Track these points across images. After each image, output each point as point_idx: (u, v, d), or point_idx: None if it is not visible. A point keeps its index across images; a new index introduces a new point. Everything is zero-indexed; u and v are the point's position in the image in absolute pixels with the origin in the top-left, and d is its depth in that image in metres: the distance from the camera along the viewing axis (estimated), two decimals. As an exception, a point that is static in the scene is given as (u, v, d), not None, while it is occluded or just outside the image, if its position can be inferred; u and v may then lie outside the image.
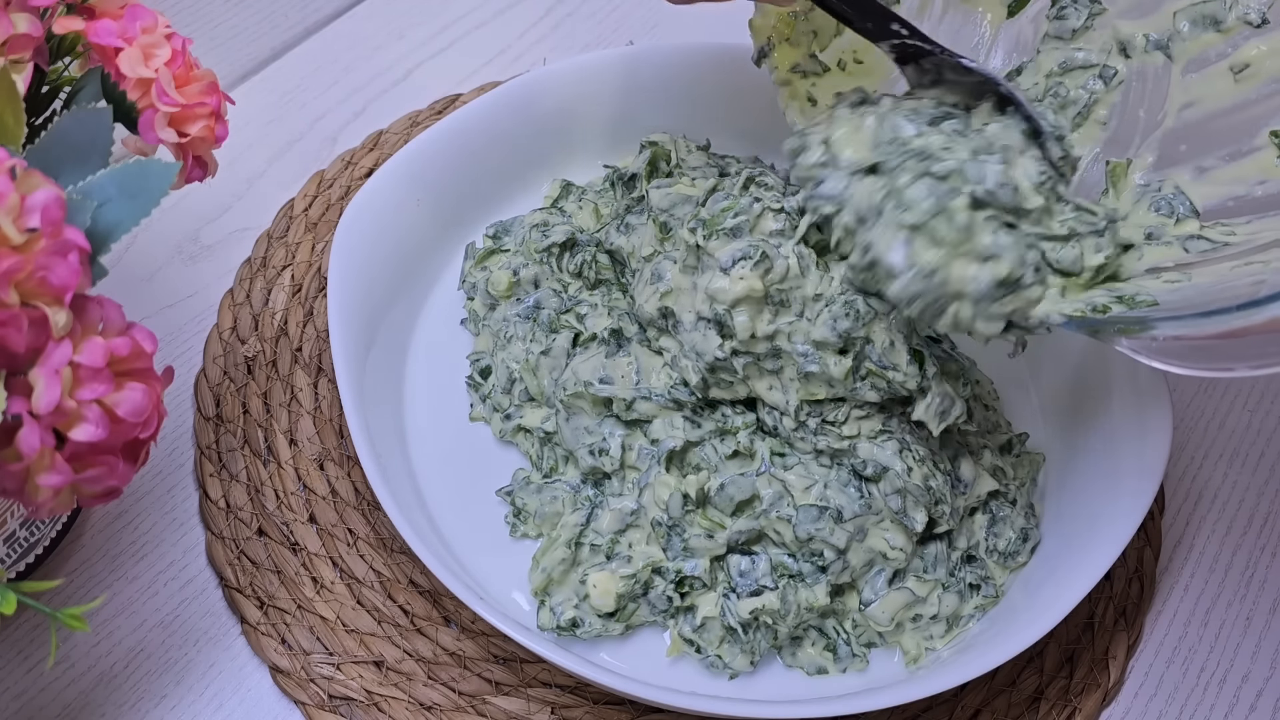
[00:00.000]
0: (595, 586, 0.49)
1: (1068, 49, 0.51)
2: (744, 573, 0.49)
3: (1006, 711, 0.51)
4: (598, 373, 0.51)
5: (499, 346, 0.55)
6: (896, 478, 0.48)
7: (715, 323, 0.49)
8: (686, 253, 0.50)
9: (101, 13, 0.42)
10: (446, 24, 0.73)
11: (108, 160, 0.38)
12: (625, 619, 0.49)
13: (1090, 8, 0.51)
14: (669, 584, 0.49)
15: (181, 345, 0.59)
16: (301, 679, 0.50)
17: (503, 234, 0.58)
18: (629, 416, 0.51)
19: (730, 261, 0.48)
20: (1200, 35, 0.47)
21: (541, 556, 0.50)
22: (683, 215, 0.53)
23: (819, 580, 0.49)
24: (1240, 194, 0.45)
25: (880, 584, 0.50)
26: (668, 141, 0.59)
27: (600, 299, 0.55)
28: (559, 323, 0.54)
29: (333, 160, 0.65)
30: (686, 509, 0.49)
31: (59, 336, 0.33)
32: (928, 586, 0.50)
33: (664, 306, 0.51)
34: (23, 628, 0.50)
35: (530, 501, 0.52)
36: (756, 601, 0.49)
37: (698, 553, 0.49)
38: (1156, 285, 0.43)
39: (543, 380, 0.53)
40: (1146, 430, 0.50)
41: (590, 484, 0.52)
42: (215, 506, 0.54)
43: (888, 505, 0.49)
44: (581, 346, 0.53)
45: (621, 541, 0.50)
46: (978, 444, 0.53)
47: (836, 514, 0.49)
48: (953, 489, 0.51)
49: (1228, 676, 0.53)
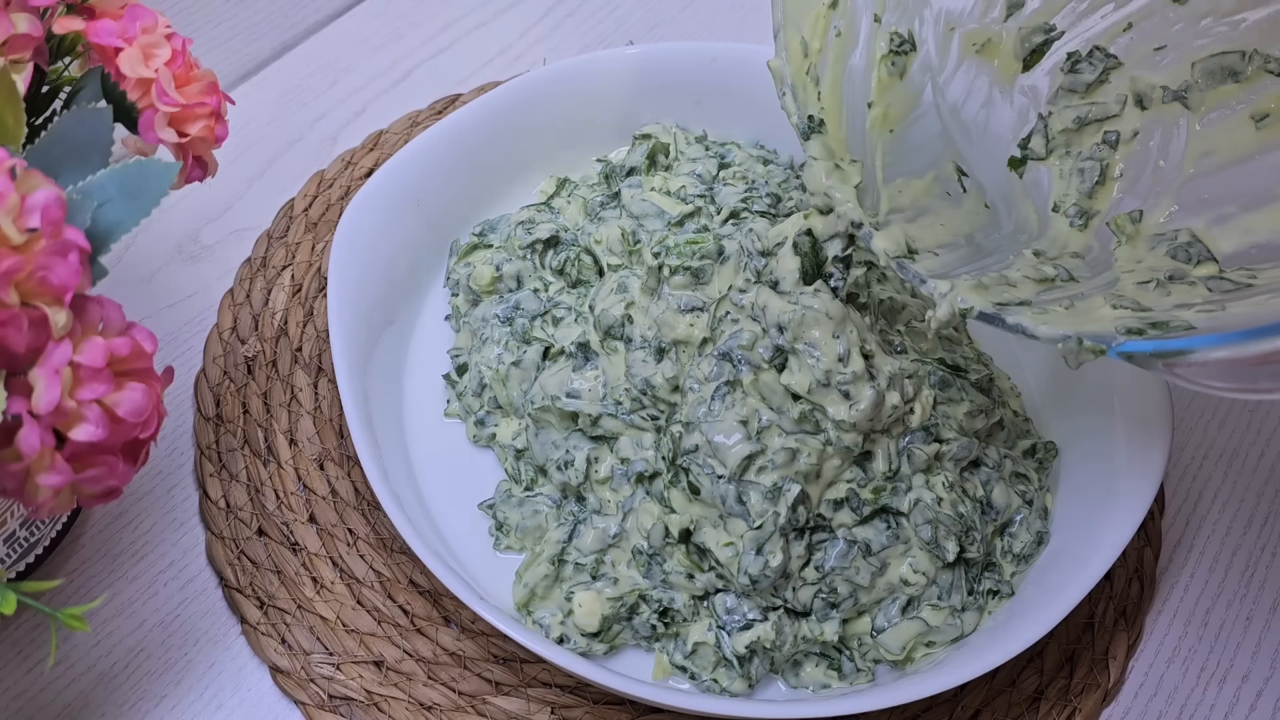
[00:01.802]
0: (580, 606, 0.48)
1: (1082, 104, 0.51)
2: (730, 609, 0.48)
3: (1006, 711, 0.51)
4: (565, 386, 0.51)
5: (474, 348, 0.55)
6: (927, 508, 0.48)
7: (656, 350, 0.49)
8: (647, 274, 0.51)
9: (101, 13, 0.42)
10: (446, 24, 0.73)
11: (108, 160, 0.38)
12: (609, 640, 0.49)
13: (1105, 62, 0.51)
14: (653, 612, 0.49)
15: (181, 345, 0.59)
16: (301, 679, 0.50)
17: (489, 231, 0.58)
18: (594, 432, 0.51)
19: (681, 308, 0.49)
20: (1218, 86, 0.47)
21: (524, 571, 0.50)
22: (651, 229, 0.53)
23: (828, 617, 0.48)
24: (1262, 242, 0.45)
25: (894, 612, 0.49)
26: (663, 133, 0.59)
27: (578, 301, 0.55)
28: (532, 333, 0.53)
29: (333, 160, 0.65)
30: (667, 541, 0.48)
31: (59, 336, 0.33)
32: (941, 615, 0.49)
33: (628, 314, 0.51)
34: (23, 628, 0.50)
35: (511, 515, 0.51)
36: (750, 635, 0.47)
37: (677, 588, 0.49)
38: (1190, 314, 0.42)
39: (512, 391, 0.53)
40: (1146, 430, 0.50)
41: (573, 499, 0.51)
42: (215, 506, 0.54)
43: (918, 535, 0.48)
44: (551, 360, 0.53)
45: (605, 561, 0.49)
46: (999, 456, 0.52)
47: (865, 548, 0.48)
48: (983, 515, 0.50)
49: (1228, 676, 0.53)
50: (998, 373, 0.56)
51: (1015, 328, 0.42)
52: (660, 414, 0.50)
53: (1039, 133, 0.52)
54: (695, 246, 0.50)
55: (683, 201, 0.55)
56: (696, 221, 0.54)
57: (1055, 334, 0.41)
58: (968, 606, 0.49)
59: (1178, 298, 0.44)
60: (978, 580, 0.50)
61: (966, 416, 0.50)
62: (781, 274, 0.48)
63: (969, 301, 0.43)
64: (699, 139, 0.59)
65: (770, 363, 0.47)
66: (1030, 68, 0.53)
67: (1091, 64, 0.51)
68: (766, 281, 0.48)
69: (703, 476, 0.47)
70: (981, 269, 0.47)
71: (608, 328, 0.51)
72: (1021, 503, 0.51)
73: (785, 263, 0.48)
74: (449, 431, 0.55)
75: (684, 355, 0.50)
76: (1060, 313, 0.43)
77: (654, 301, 0.51)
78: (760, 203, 0.54)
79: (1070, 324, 0.42)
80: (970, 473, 0.50)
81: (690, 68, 0.60)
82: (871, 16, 0.51)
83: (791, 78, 0.47)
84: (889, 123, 0.51)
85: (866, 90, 0.51)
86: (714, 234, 0.51)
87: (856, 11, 0.50)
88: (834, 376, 0.47)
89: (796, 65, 0.48)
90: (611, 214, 0.56)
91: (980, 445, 0.51)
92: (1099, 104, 0.51)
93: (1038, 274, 0.46)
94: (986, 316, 0.43)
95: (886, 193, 0.49)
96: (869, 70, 0.51)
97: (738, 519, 0.47)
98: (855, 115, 0.51)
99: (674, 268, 0.50)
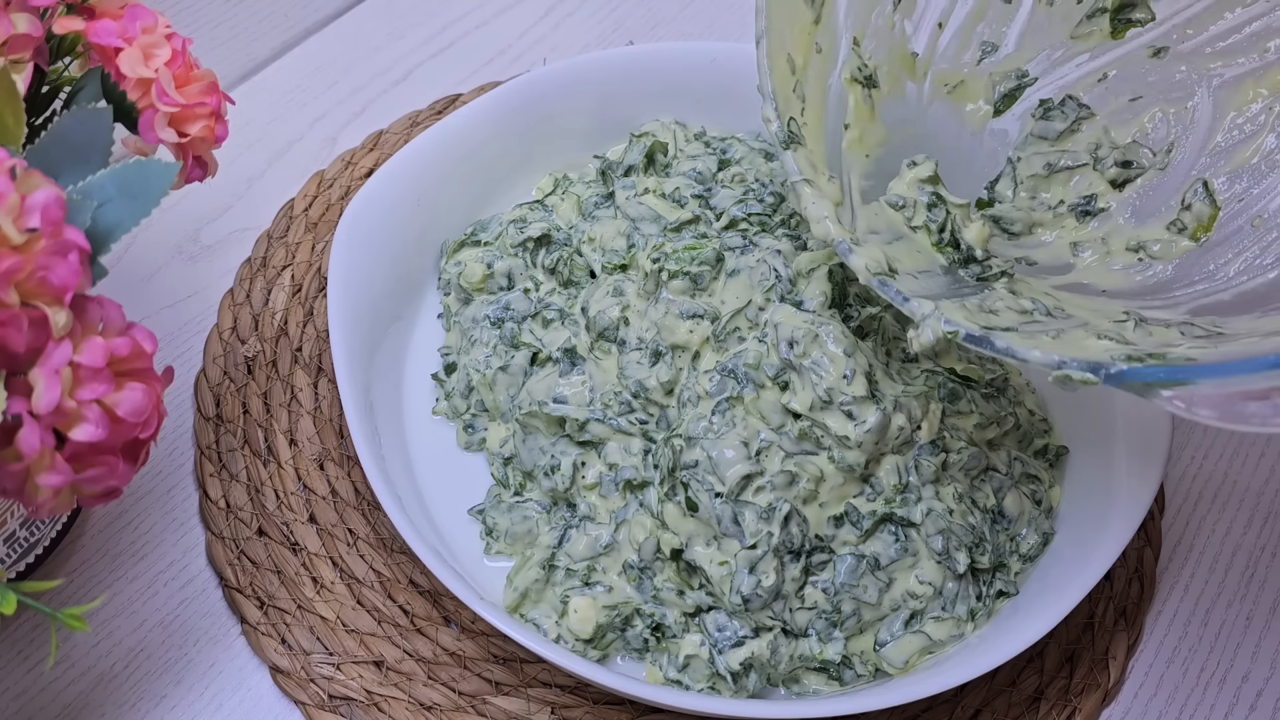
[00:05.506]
0: (576, 611, 0.48)
1: (1052, 150, 0.51)
2: (721, 627, 0.48)
3: (1006, 711, 0.51)
4: (551, 391, 0.51)
5: (464, 349, 0.55)
6: (940, 518, 0.48)
7: (653, 353, 0.49)
8: (644, 279, 0.51)
9: (101, 13, 0.42)
10: (446, 24, 0.73)
11: (108, 160, 0.38)
12: (602, 648, 0.48)
13: (1078, 111, 0.51)
14: (645, 627, 0.48)
15: (181, 345, 0.59)
16: (301, 679, 0.50)
17: (480, 230, 0.58)
18: (581, 438, 0.50)
19: (683, 314, 0.50)
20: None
21: (515, 575, 0.50)
22: (648, 234, 0.53)
23: (831, 637, 0.48)
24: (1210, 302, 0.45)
25: (898, 626, 0.48)
26: (662, 130, 0.59)
27: (568, 302, 0.54)
28: (520, 338, 0.53)
29: (333, 160, 0.65)
30: (658, 556, 0.48)
31: (59, 336, 0.33)
32: (945, 627, 0.48)
33: (624, 316, 0.51)
34: (23, 628, 0.50)
35: (501, 521, 0.51)
36: (744, 651, 0.47)
37: (668, 605, 0.48)
38: (1183, 349, 0.42)
39: (499, 396, 0.53)
40: (1146, 430, 0.50)
41: (563, 505, 0.51)
42: (215, 506, 0.54)
43: (928, 546, 0.47)
44: (539, 365, 0.53)
45: (597, 569, 0.49)
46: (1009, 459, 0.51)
47: (874, 563, 0.47)
48: (993, 525, 0.50)
49: (1228, 676, 0.53)
50: (1011, 369, 0.54)
51: (1005, 351, 0.41)
52: (650, 419, 0.50)
53: (1007, 176, 0.52)
54: (694, 253, 0.50)
55: (678, 205, 0.55)
56: (694, 229, 0.54)
57: (1050, 359, 0.40)
58: (976, 613, 0.49)
59: (1160, 339, 0.43)
60: (989, 584, 0.49)
61: (976, 429, 0.50)
62: (809, 296, 0.49)
63: (954, 324, 0.42)
64: (698, 136, 0.59)
65: (774, 380, 0.47)
66: (1001, 112, 0.53)
67: (1064, 112, 0.51)
68: (791, 302, 0.49)
69: (701, 493, 0.47)
70: (961, 297, 0.46)
71: (602, 329, 0.51)
72: (1031, 503, 0.51)
73: (817, 285, 0.49)
74: (449, 433, 0.55)
75: (679, 360, 0.50)
76: (1048, 341, 0.43)
77: (652, 305, 0.51)
78: (758, 206, 0.54)
79: (1061, 351, 0.41)
80: (981, 481, 0.50)
81: (690, 68, 0.60)
82: (851, 39, 0.50)
83: (775, 90, 0.47)
84: (865, 147, 0.51)
85: (844, 111, 0.51)
86: (713, 241, 0.51)
87: (837, 31, 0.50)
88: (836, 395, 0.46)
89: (783, 81, 0.48)
90: (606, 213, 0.56)
91: (990, 454, 0.51)
92: (1069, 151, 0.51)
93: (1017, 306, 0.46)
94: (974, 339, 0.42)
95: (864, 214, 0.49)
96: (846, 92, 0.51)
97: (732, 539, 0.47)
98: (834, 134, 0.51)
99: (673, 272, 0.50)
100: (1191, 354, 0.41)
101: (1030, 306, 0.46)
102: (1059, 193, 0.51)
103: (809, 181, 0.46)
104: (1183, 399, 0.38)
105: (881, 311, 0.50)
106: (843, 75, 0.50)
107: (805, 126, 0.48)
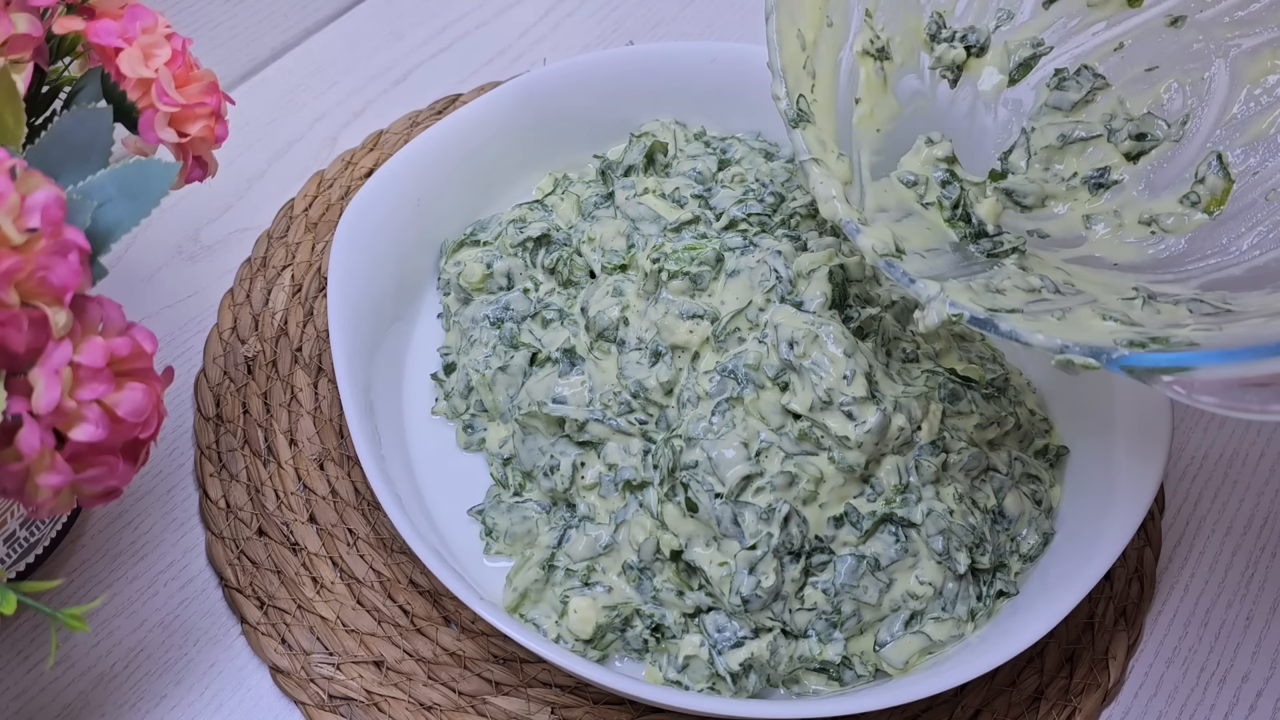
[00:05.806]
0: (576, 612, 0.48)
1: (1066, 121, 0.51)
2: (721, 628, 0.48)
3: (1006, 711, 0.51)
4: (551, 391, 0.51)
5: (463, 349, 0.55)
6: (940, 518, 0.47)
7: (652, 353, 0.49)
8: (644, 279, 0.51)
9: (101, 13, 0.42)
10: (446, 24, 0.73)
11: (108, 160, 0.38)
12: (602, 648, 0.48)
13: (1093, 82, 0.51)
14: (645, 627, 0.48)
15: (181, 345, 0.59)
16: (301, 679, 0.50)
17: (479, 230, 0.58)
18: (581, 438, 0.50)
19: (683, 315, 0.50)
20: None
21: (514, 575, 0.50)
22: (648, 234, 0.53)
23: (831, 638, 0.48)
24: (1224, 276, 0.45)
25: (897, 627, 0.48)
26: (662, 130, 0.59)
27: (568, 302, 0.54)
28: (519, 338, 0.53)
29: (333, 160, 0.65)
30: (657, 556, 0.48)
31: (59, 336, 0.33)
32: (945, 628, 0.48)
33: (624, 316, 0.51)
34: (23, 628, 0.50)
35: (500, 521, 0.51)
36: (743, 652, 0.47)
37: (667, 605, 0.48)
38: (1187, 333, 0.42)
39: (498, 396, 0.53)
40: (1147, 430, 0.50)
41: (563, 505, 0.51)
42: (215, 506, 0.54)
43: (929, 546, 0.47)
44: (538, 365, 0.53)
45: (597, 569, 0.49)
46: (1010, 459, 0.51)
47: (874, 563, 0.47)
48: (993, 525, 0.49)
49: (1228, 676, 0.53)
50: (1011, 369, 0.55)
51: (1009, 334, 0.41)
52: (649, 419, 0.50)
53: (1021, 147, 0.52)
54: (694, 253, 0.50)
55: (678, 205, 0.55)
56: (694, 229, 0.54)
57: (1053, 343, 0.40)
58: (976, 613, 0.48)
59: (1168, 317, 0.43)
60: (989, 585, 0.49)
61: (976, 429, 0.50)
62: (809, 297, 0.48)
63: (960, 306, 0.42)
64: (698, 135, 0.59)
65: (774, 380, 0.47)
66: (1016, 82, 0.52)
67: (1078, 82, 0.51)
68: (791, 302, 0.49)
69: (701, 493, 0.47)
70: (969, 275, 0.46)
71: (601, 329, 0.51)
72: (1031, 503, 0.51)
73: (817, 286, 0.49)
74: (449, 433, 0.55)
75: (679, 360, 0.50)
76: (1053, 323, 0.43)
77: (652, 305, 0.51)
78: (758, 206, 0.54)
79: (1065, 334, 0.41)
80: (981, 481, 0.50)
81: (690, 68, 0.60)
82: (864, 11, 0.50)
83: (784, 66, 0.47)
84: (875, 121, 0.51)
85: (855, 86, 0.50)
86: (713, 241, 0.51)
87: (849, 3, 0.50)
88: (836, 396, 0.46)
89: (793, 58, 0.48)
90: (605, 213, 0.56)
91: (990, 454, 0.51)
92: (1084, 123, 0.51)
93: (1025, 284, 0.46)
94: (978, 322, 0.42)
95: (873, 190, 0.49)
96: (857, 66, 0.50)
97: (731, 539, 0.47)
98: (845, 109, 0.50)
99: (673, 273, 0.50)
100: (1195, 338, 0.41)
101: (1039, 284, 0.46)
102: (1072, 164, 0.51)
103: (817, 160, 0.46)
104: (1184, 385, 0.38)
105: (882, 312, 0.50)
106: (855, 48, 0.50)
107: (815, 103, 0.48)
